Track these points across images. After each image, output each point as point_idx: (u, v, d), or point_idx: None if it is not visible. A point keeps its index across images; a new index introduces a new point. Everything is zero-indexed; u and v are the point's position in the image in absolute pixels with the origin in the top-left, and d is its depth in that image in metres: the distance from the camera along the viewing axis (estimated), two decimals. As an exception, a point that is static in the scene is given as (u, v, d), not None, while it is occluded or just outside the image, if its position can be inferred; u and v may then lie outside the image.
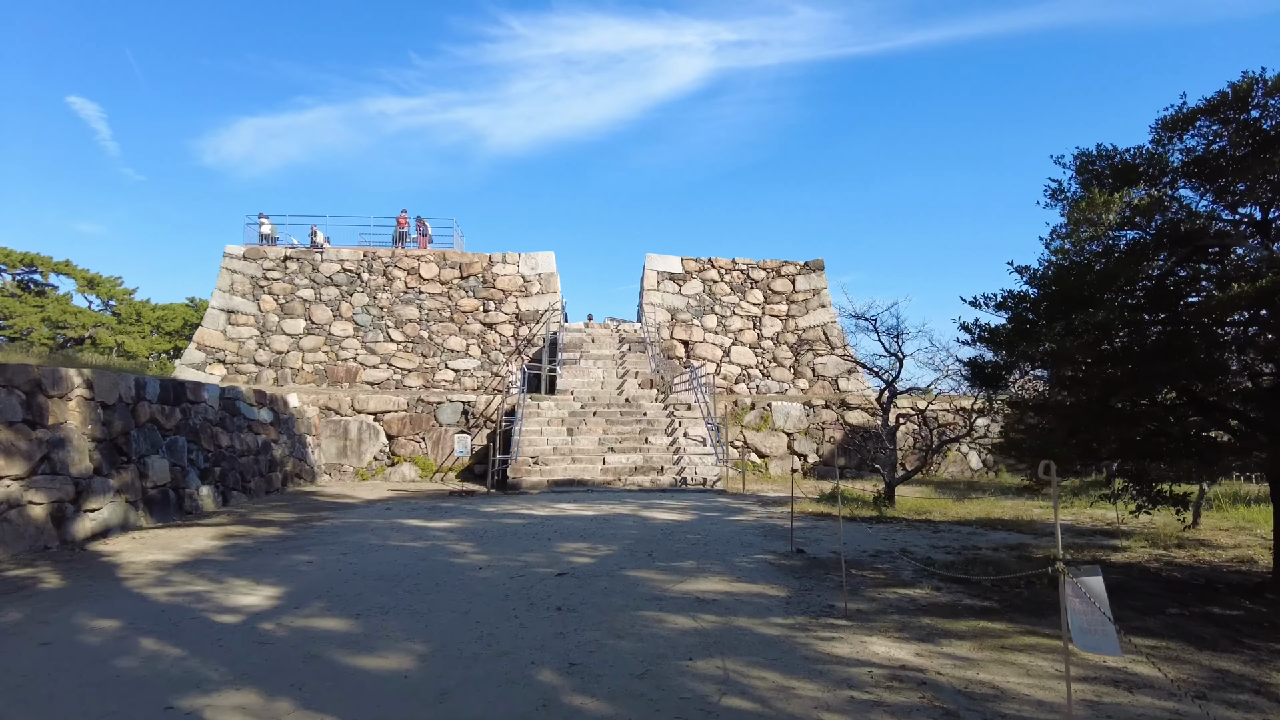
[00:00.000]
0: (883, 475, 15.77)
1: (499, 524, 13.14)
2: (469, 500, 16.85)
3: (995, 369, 8.85)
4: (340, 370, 28.28)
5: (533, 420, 20.74)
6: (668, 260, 30.00)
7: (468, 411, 21.86)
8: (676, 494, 17.71)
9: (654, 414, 21.44)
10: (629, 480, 18.62)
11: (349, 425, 21.43)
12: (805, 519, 13.84)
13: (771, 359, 29.27)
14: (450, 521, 13.48)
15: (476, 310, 28.92)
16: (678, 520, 13.56)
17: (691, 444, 20.09)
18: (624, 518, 13.82)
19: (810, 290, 29.98)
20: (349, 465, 21.38)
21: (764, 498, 17.37)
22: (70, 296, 48.49)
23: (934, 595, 8.07)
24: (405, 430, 21.65)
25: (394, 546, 11.02)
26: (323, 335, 28.52)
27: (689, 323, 29.27)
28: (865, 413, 22.89)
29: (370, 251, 29.42)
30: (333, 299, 28.84)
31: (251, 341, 28.43)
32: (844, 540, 11.35)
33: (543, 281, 29.40)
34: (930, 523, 13.46)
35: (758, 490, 18.83)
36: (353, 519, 14.07)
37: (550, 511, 14.70)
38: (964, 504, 16.31)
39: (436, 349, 28.55)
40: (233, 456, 16.64)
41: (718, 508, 15.39)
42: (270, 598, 7.97)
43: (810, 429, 22.62)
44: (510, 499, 16.90)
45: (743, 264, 30.10)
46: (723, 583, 8.56)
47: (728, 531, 12.25)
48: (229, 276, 29.00)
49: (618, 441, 20.10)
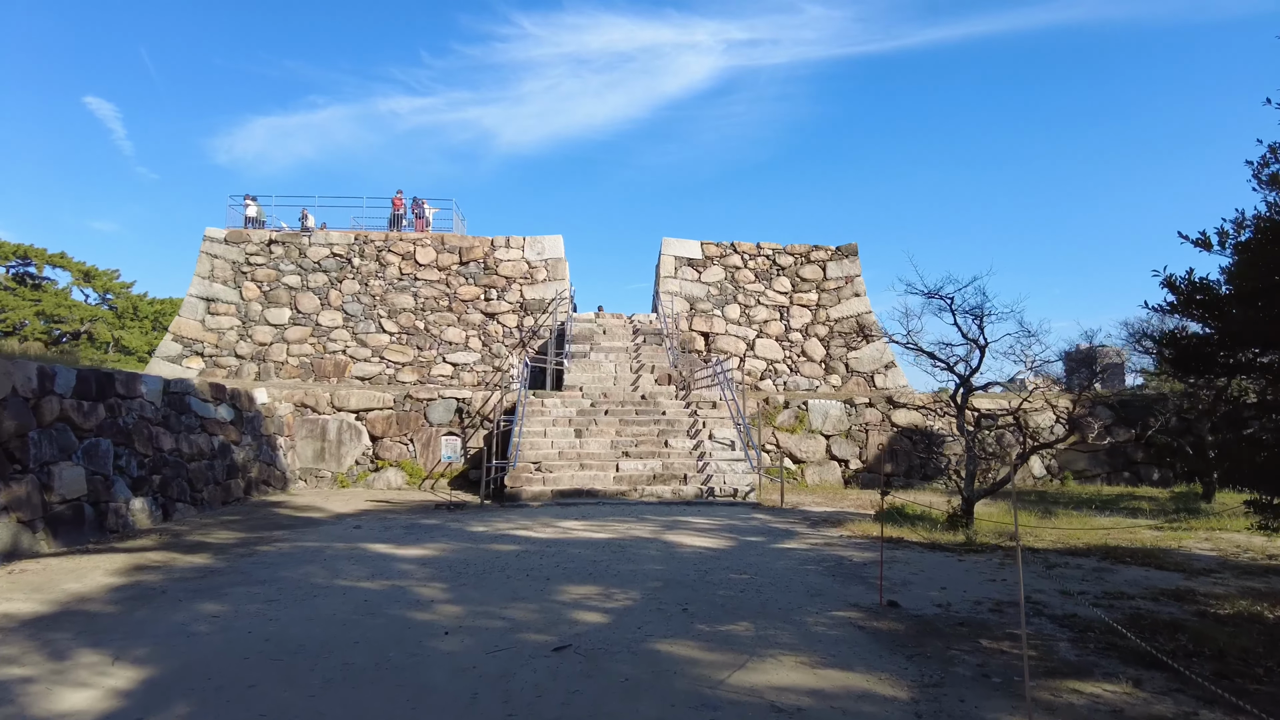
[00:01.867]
0: (958, 488, 12.75)
1: (486, 552, 10.25)
2: (457, 516, 13.98)
3: (1213, 346, 5.88)
4: (328, 364, 25.50)
5: (535, 420, 17.85)
6: (686, 245, 27.05)
7: (462, 410, 19.00)
8: (704, 508, 14.79)
9: (674, 413, 18.52)
10: (647, 491, 15.71)
11: (327, 425, 18.61)
12: (868, 545, 10.90)
13: (800, 353, 26.27)
14: (425, 548, 10.59)
15: (477, 299, 26.07)
16: (713, 548, 10.63)
17: (718, 448, 17.17)
18: (644, 544, 10.90)
19: (843, 277, 26.95)
20: (327, 470, 18.56)
21: (809, 514, 14.41)
22: (70, 290, 46.14)
23: (1140, 698, 5.11)
24: (391, 430, 18.80)
25: (341, 589, 8.15)
26: (309, 325, 25.74)
27: (709, 313, 26.31)
28: (914, 412, 19.88)
29: (362, 235, 26.62)
30: (321, 286, 26.06)
31: (232, 332, 25.68)
32: (941, 582, 8.41)
33: (550, 267, 26.51)
34: (1033, 551, 10.47)
35: (798, 503, 15.88)
36: (309, 541, 11.22)
37: (552, 533, 11.80)
38: (1054, 523, 13.30)
39: (433, 341, 25.71)
40: (178, 462, 13.82)
41: (758, 528, 12.46)
42: (113, 695, 5.11)
43: (852, 431, 19.64)
44: (506, 514, 14.02)
45: (768, 249, 27.11)
46: (801, 668, 5.63)
47: (781, 567, 9.31)
48: (209, 262, 26.26)
49: (633, 445, 17.20)
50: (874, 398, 20.08)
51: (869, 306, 26.76)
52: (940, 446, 19.69)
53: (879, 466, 19.43)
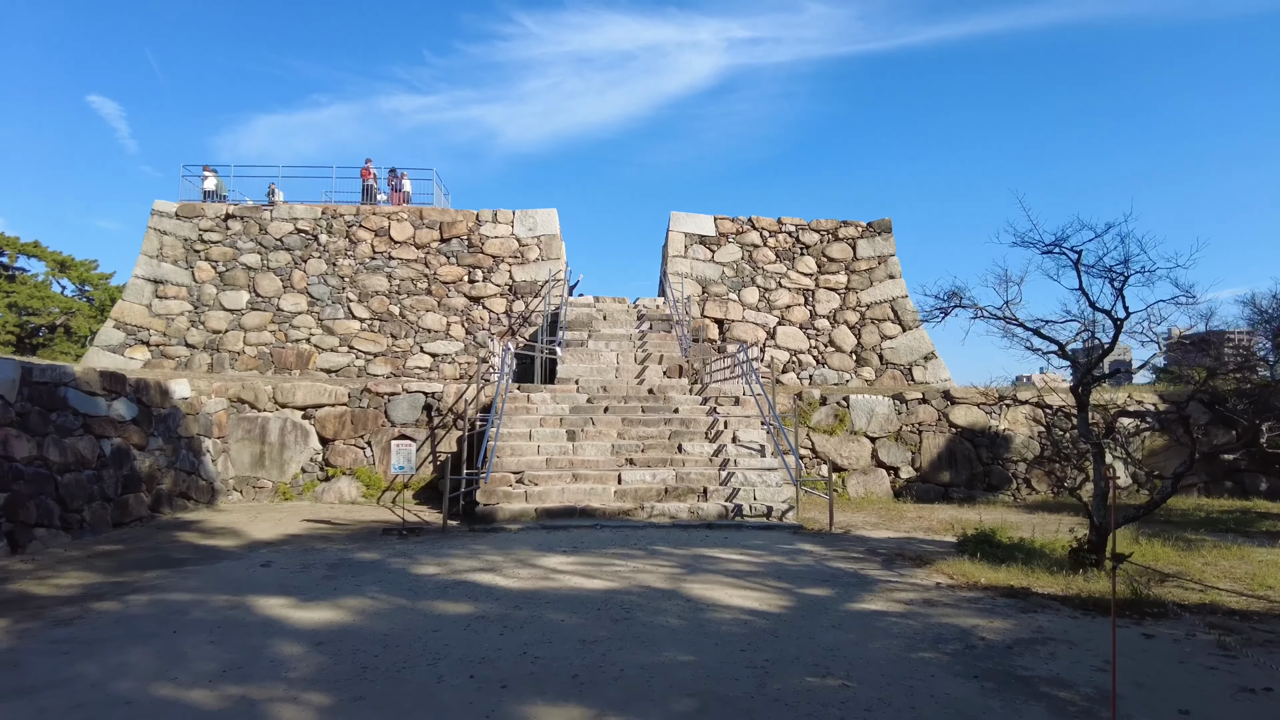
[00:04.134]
0: (1088, 512, 9.13)
1: (422, 619, 6.72)
2: (408, 546, 10.44)
3: None
4: (289, 354, 21.98)
5: (518, 419, 14.31)
6: (697, 220, 23.48)
7: (432, 406, 15.45)
8: (731, 533, 11.26)
9: (688, 410, 14.98)
10: (656, 510, 12.18)
11: (268, 424, 15.07)
12: (988, 602, 7.36)
13: (828, 342, 22.71)
14: (337, 609, 7.06)
15: (460, 280, 22.52)
16: (762, 611, 7.09)
17: (744, 453, 13.63)
18: (659, 601, 7.36)
19: (875, 257, 23.38)
20: (267, 479, 15.02)
21: (871, 542, 10.84)
22: (50, 283, 42.75)
23: None
24: (345, 431, 15.27)
25: (148, 710, 4.63)
26: (270, 310, 22.23)
27: (724, 297, 22.75)
28: (976, 409, 16.31)
29: (330, 209, 23.06)
30: (283, 266, 22.54)
31: (183, 318, 22.17)
32: (1158, 689, 4.85)
33: (542, 245, 22.96)
34: (1239, 618, 6.91)
35: (848, 525, 12.31)
36: (181, 592, 7.71)
37: (527, 579, 8.27)
38: (1203, 555, 9.71)
39: (409, 328, 22.18)
40: (41, 475, 10.30)
41: (814, 569, 8.91)
42: None
43: (903, 432, 16.07)
44: (473, 543, 10.48)
45: (790, 224, 23.53)
46: None
47: (882, 655, 5.76)
48: (157, 239, 22.73)
49: (639, 450, 13.67)
50: (928, 393, 16.52)
51: (905, 290, 23.20)
52: (1006, 450, 16.13)
53: (935, 475, 15.88)
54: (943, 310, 9.99)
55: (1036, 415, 16.38)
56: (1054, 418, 16.46)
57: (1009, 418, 16.31)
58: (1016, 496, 15.92)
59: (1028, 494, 15.96)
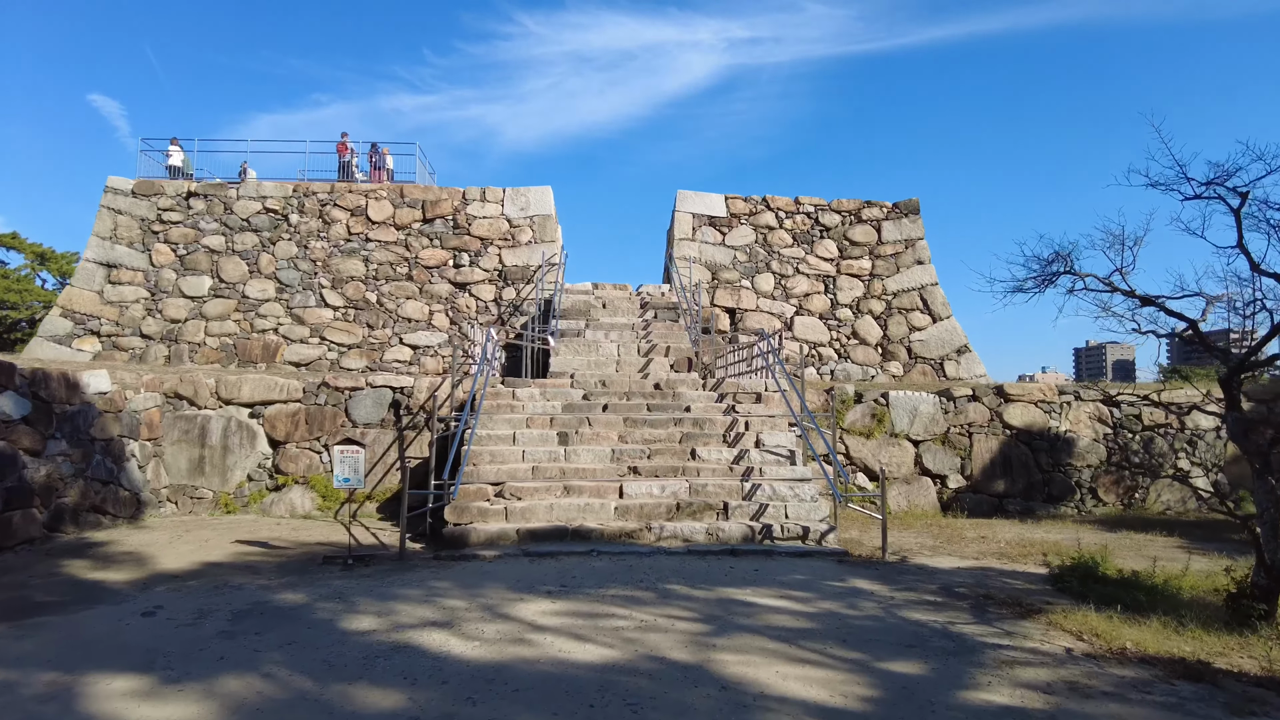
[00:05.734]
0: (1259, 544, 6.68)
1: (327, 717, 4.34)
2: (347, 584, 8.05)
3: None
4: (255, 345, 19.60)
5: (500, 418, 11.92)
6: (706, 199, 21.08)
7: (401, 403, 13.06)
8: (763, 563, 8.86)
9: (702, 409, 12.60)
10: (667, 530, 9.78)
11: (209, 424, 12.69)
12: (1160, 688, 4.98)
13: (851, 333, 20.33)
14: (205, 702, 4.66)
15: (444, 265, 20.14)
16: (834, 710, 4.68)
17: (770, 460, 11.24)
18: (680, 691, 4.96)
19: (902, 241, 20.99)
20: (208, 488, 12.64)
21: (940, 576, 8.42)
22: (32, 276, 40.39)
23: None
24: (299, 432, 12.87)
25: None
26: (234, 298, 19.85)
27: (735, 284, 20.38)
28: (1034, 408, 13.90)
29: (302, 186, 20.67)
30: (250, 249, 20.16)
31: (138, 306, 19.79)
32: None
33: (536, 227, 20.57)
34: None
35: (902, 548, 9.90)
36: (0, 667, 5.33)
37: (492, 646, 5.87)
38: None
39: (388, 317, 19.80)
40: (-122, 489, 7.91)
41: (886, 625, 6.50)
42: None
43: (950, 434, 13.67)
44: (433, 578, 8.08)
45: (809, 204, 21.13)
46: None
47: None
48: (110, 219, 20.36)
49: (644, 456, 11.28)
50: (978, 389, 14.10)
51: (935, 277, 20.82)
52: (1069, 455, 13.75)
53: (988, 484, 13.49)
54: (1044, 279, 7.59)
55: (1102, 415, 14.01)
56: (1123, 418, 14.10)
57: (1071, 417, 13.92)
58: (1081, 509, 13.55)
59: (1094, 505, 13.59)
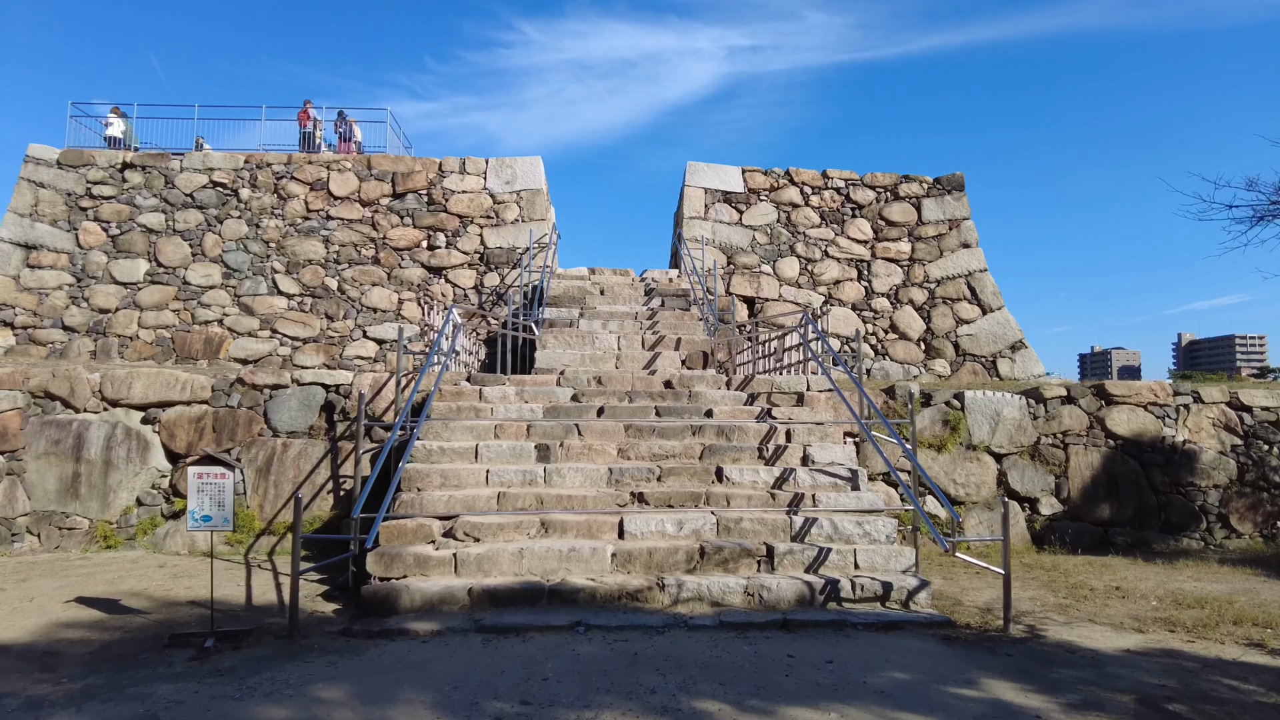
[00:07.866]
0: None
1: None
2: (190, 689, 4.97)
3: None
4: (196, 338, 16.60)
5: (459, 426, 8.87)
6: (720, 172, 18.08)
7: (336, 405, 9.99)
8: (833, 643, 5.80)
9: (727, 413, 9.55)
10: (688, 588, 6.72)
11: (87, 432, 9.65)
12: None
13: (889, 326, 17.30)
14: None
15: (416, 246, 17.14)
16: None
17: (824, 483, 8.19)
18: None
19: (945, 220, 17.98)
20: (83, 516, 9.59)
21: (1109, 667, 5.32)
22: None
23: None
24: (204, 442, 9.82)
25: None
26: (174, 284, 16.85)
27: (754, 269, 17.36)
28: (1144, 412, 10.84)
29: (255, 157, 17.68)
30: (194, 229, 17.17)
31: (61, 294, 16.79)
32: None
33: (523, 202, 17.57)
34: None
35: (1026, 615, 6.83)
36: None
37: None
38: None
39: (350, 307, 16.79)
40: None
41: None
42: None
43: (1041, 445, 10.61)
44: (322, 681, 5.01)
45: (839, 178, 18.12)
46: None
47: None
48: (31, 193, 17.36)
49: (653, 477, 8.23)
50: (1073, 388, 11.03)
51: (983, 262, 17.79)
52: (1190, 471, 10.69)
53: (1090, 509, 10.42)
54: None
55: (1229, 421, 10.97)
56: (1255, 425, 11.04)
57: (1190, 424, 10.87)
58: (1209, 540, 10.48)
59: (1224, 536, 10.53)
